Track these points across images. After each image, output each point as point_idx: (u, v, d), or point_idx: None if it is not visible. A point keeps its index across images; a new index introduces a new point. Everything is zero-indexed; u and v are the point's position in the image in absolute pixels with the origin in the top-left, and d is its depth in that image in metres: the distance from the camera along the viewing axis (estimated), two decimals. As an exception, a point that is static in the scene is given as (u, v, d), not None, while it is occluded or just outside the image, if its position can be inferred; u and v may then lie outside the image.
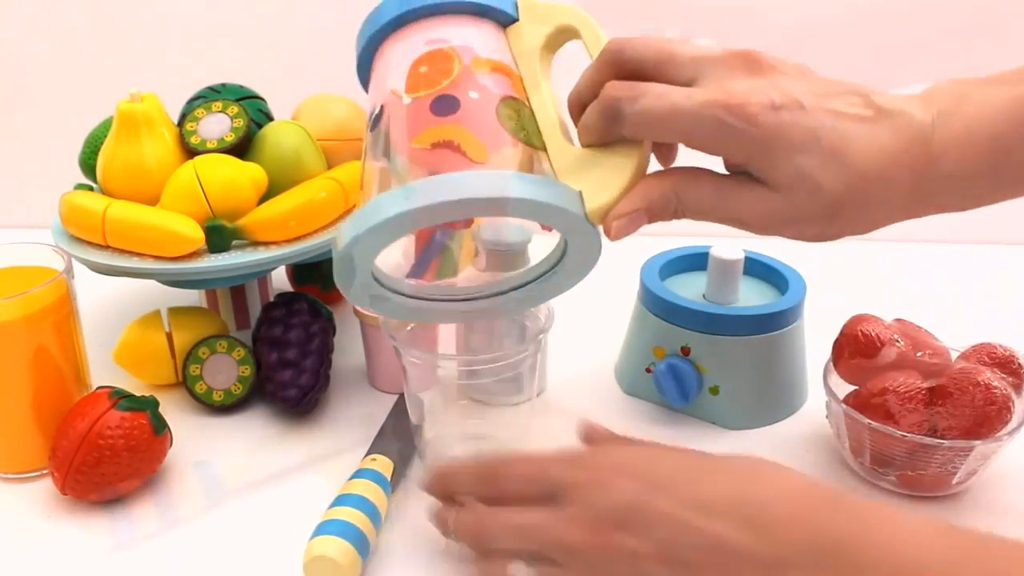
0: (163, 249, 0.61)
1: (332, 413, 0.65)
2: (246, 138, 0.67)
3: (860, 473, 0.58)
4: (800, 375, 0.66)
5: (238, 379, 0.64)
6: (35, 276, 0.57)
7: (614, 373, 0.70)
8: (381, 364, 0.67)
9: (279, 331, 0.64)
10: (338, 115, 0.72)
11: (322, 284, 0.78)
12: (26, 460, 0.58)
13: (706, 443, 0.62)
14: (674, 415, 0.65)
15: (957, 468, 0.54)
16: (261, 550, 0.53)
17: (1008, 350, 0.56)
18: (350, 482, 0.53)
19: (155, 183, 0.64)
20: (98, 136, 0.71)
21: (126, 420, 0.55)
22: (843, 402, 0.56)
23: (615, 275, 0.72)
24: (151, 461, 0.56)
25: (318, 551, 0.48)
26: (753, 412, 0.63)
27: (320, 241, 0.65)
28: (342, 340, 0.71)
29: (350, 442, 0.61)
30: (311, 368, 0.63)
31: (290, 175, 0.67)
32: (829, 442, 0.61)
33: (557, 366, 0.68)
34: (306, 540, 0.49)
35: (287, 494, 0.57)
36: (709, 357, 0.62)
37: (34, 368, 0.56)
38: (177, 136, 0.67)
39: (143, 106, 0.65)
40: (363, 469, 0.55)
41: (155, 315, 0.66)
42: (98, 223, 0.62)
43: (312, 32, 0.88)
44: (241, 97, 0.71)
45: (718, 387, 0.63)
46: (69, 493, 0.54)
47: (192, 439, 0.61)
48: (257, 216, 0.64)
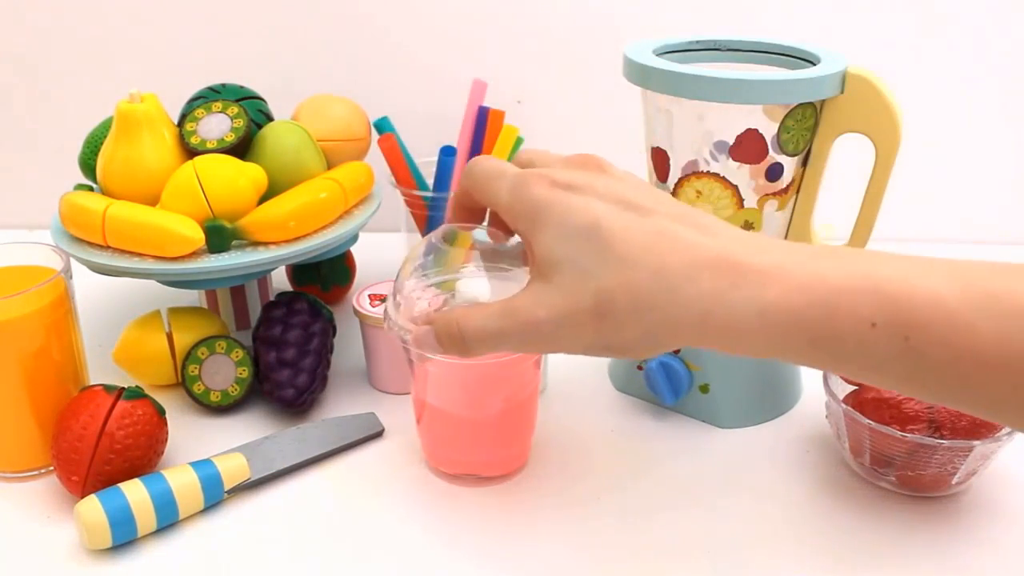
0: (163, 249, 0.61)
1: (331, 413, 0.65)
2: (246, 138, 0.67)
3: (860, 473, 0.58)
4: (792, 374, 0.66)
5: (236, 380, 0.64)
6: (34, 276, 0.57)
7: (607, 371, 0.70)
8: (381, 364, 0.67)
9: (278, 331, 0.64)
10: (338, 115, 0.73)
11: (322, 284, 0.78)
12: (24, 460, 0.58)
13: (698, 441, 0.62)
14: (665, 412, 0.65)
15: (957, 468, 0.54)
16: (261, 550, 0.53)
17: (1008, 350, 0.56)
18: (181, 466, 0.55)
19: (155, 183, 0.64)
20: (98, 136, 0.71)
21: (136, 409, 0.55)
22: (843, 402, 0.56)
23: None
24: (162, 443, 0.57)
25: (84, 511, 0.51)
26: (744, 410, 0.64)
27: (320, 241, 0.65)
28: (342, 340, 0.71)
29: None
30: (309, 368, 0.63)
31: (290, 175, 0.67)
32: (829, 442, 0.61)
33: (555, 366, 0.69)
34: (305, 540, 0.49)
35: (287, 494, 0.57)
36: (700, 355, 0.62)
37: (32, 368, 0.56)
38: (177, 136, 0.67)
39: (143, 106, 0.65)
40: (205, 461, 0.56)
41: (155, 315, 0.66)
42: (98, 223, 0.62)
43: (312, 32, 0.88)
44: (241, 97, 0.71)
45: (708, 385, 0.63)
46: (89, 492, 0.54)
47: (190, 439, 0.61)
48: (257, 216, 0.64)
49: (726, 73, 0.54)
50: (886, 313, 0.33)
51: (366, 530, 0.54)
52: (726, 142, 0.57)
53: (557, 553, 0.52)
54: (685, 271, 0.36)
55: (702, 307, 0.36)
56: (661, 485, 0.58)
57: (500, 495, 0.57)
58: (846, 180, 0.60)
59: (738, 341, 0.36)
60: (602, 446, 0.62)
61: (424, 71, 0.90)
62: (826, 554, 0.52)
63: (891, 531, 0.54)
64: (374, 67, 0.89)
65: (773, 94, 0.54)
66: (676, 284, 0.36)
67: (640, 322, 0.37)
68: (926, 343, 0.33)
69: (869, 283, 0.34)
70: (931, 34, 0.87)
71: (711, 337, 0.36)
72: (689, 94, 0.55)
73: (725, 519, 0.55)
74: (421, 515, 0.55)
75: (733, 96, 0.53)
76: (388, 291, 0.65)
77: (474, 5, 0.88)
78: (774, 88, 0.54)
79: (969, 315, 0.32)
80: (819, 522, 0.55)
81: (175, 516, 0.54)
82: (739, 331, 0.36)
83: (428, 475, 0.59)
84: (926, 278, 0.33)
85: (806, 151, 0.59)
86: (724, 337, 0.36)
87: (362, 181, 0.70)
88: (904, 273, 0.34)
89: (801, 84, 0.54)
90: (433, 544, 0.53)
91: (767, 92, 0.54)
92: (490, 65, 0.87)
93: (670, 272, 0.36)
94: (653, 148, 0.61)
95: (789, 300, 0.34)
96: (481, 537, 0.54)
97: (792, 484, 0.58)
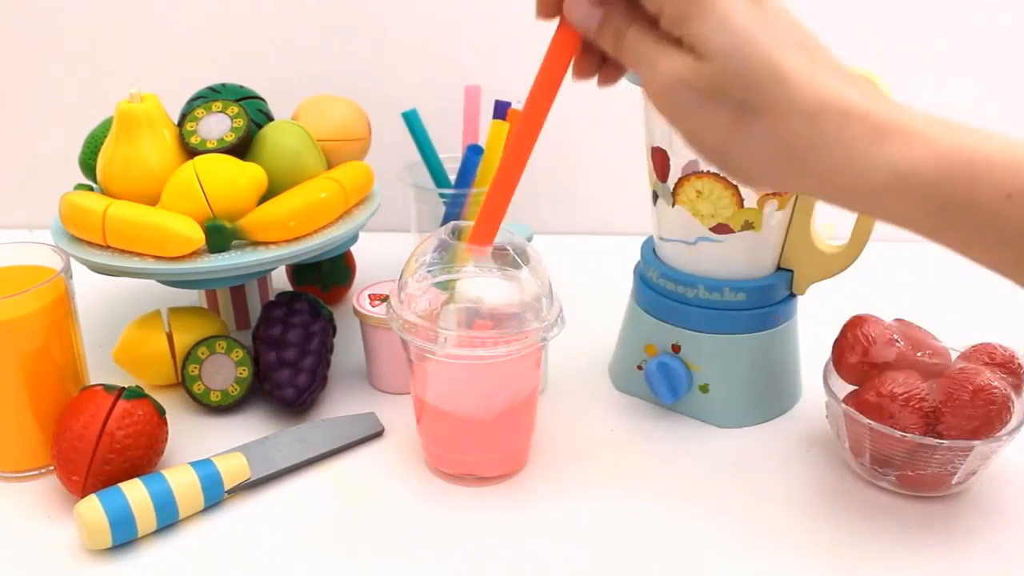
0: (163, 249, 0.61)
1: (331, 413, 0.65)
2: (246, 138, 0.67)
3: (860, 473, 0.58)
4: (792, 374, 0.66)
5: (236, 380, 0.64)
6: (34, 276, 0.57)
7: (607, 371, 0.70)
8: (381, 364, 0.67)
9: (278, 331, 0.64)
10: (338, 115, 0.73)
11: (322, 284, 0.78)
12: (24, 460, 0.58)
13: (698, 441, 0.62)
14: (665, 412, 0.65)
15: (957, 468, 0.54)
16: (261, 550, 0.53)
17: (1008, 350, 0.56)
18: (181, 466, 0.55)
19: (155, 183, 0.64)
20: (98, 136, 0.71)
21: (136, 408, 0.55)
22: (843, 402, 0.56)
23: (614, 274, 0.72)
24: (162, 443, 0.57)
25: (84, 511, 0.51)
26: (743, 410, 0.64)
27: (320, 241, 0.65)
28: (342, 340, 0.71)
29: (350, 442, 0.61)
30: (309, 368, 0.63)
31: (290, 175, 0.67)
32: (829, 442, 0.61)
33: (555, 366, 0.69)
34: (305, 540, 0.49)
35: (287, 494, 0.57)
36: (699, 355, 0.62)
37: (32, 368, 0.56)
38: (177, 136, 0.67)
39: (143, 106, 0.65)
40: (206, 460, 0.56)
41: (155, 315, 0.66)
42: (98, 223, 0.62)
43: (312, 32, 0.88)
44: (241, 97, 0.71)
45: (707, 385, 0.63)
46: (89, 492, 0.54)
47: (190, 439, 0.61)
48: (257, 216, 0.64)
49: None
50: (1023, 185, 0.34)
51: (366, 530, 0.54)
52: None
53: (557, 553, 0.52)
54: (837, 121, 0.35)
55: (844, 158, 0.36)
56: (661, 485, 0.58)
57: (500, 495, 0.57)
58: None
59: (864, 198, 0.36)
60: (602, 446, 0.62)
61: (425, 71, 0.90)
62: (826, 554, 0.52)
63: (891, 531, 0.54)
64: (374, 67, 0.89)
65: None
66: (826, 128, 0.36)
67: (776, 151, 0.37)
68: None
69: (1009, 156, 0.35)
70: (931, 34, 0.87)
71: (838, 189, 0.36)
72: None
73: (725, 519, 0.55)
74: (421, 515, 0.55)
75: None
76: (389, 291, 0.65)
77: (474, 5, 0.88)
78: None
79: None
80: (819, 522, 0.55)
81: (175, 516, 0.54)
82: (870, 189, 0.36)
83: (428, 475, 0.59)
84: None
85: None
86: (852, 192, 0.36)
87: (362, 181, 0.70)
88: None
89: None
90: (433, 544, 0.53)
91: None
92: (490, 65, 0.87)
93: (825, 115, 0.36)
94: (653, 148, 0.61)
95: (928, 165, 0.35)
96: (481, 537, 0.54)
97: (792, 484, 0.58)
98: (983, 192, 0.34)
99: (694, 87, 0.37)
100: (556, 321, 0.55)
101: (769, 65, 0.36)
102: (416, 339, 0.54)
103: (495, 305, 0.57)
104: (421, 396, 0.57)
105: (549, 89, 0.42)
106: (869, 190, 0.36)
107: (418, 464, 0.60)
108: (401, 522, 0.55)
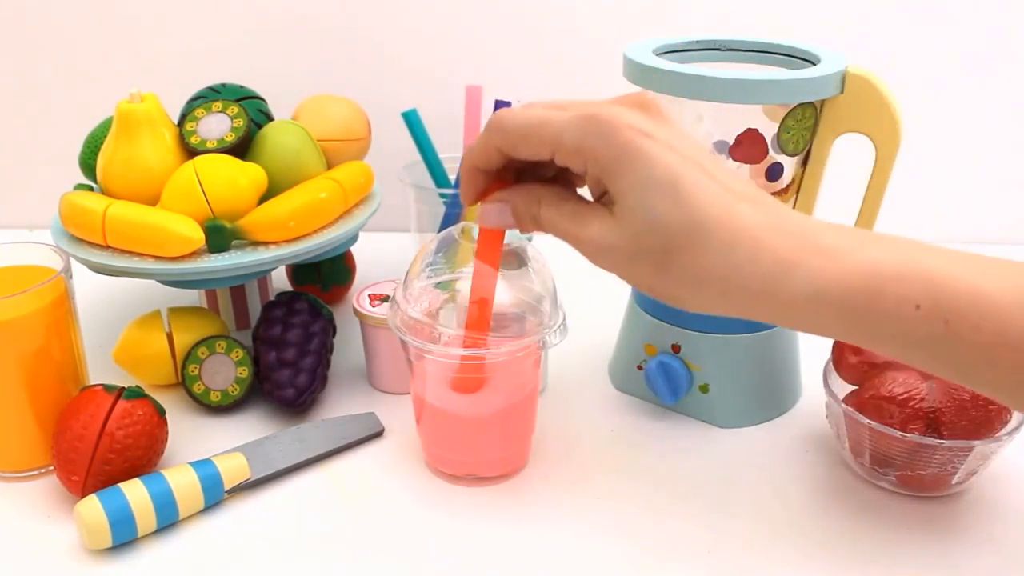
0: (163, 249, 0.61)
1: (331, 413, 0.65)
2: (246, 138, 0.67)
3: (860, 473, 0.58)
4: (792, 374, 0.66)
5: (236, 380, 0.64)
6: (34, 276, 0.57)
7: (607, 371, 0.70)
8: (381, 364, 0.67)
9: (278, 331, 0.64)
10: (338, 115, 0.73)
11: (322, 284, 0.78)
12: (24, 460, 0.58)
13: (698, 441, 0.62)
14: (665, 412, 0.65)
15: (957, 468, 0.54)
16: (261, 550, 0.53)
17: (1008, 350, 0.56)
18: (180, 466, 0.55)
19: (155, 183, 0.64)
20: (98, 136, 0.71)
21: (136, 408, 0.55)
22: (843, 402, 0.56)
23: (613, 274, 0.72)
24: (162, 443, 0.57)
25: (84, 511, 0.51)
26: (744, 410, 0.64)
27: (320, 241, 0.65)
28: (342, 340, 0.71)
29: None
30: (309, 368, 0.63)
31: (290, 175, 0.67)
32: (829, 442, 0.61)
33: (555, 366, 0.69)
34: (306, 540, 0.49)
35: (287, 494, 0.57)
36: (699, 355, 0.62)
37: (32, 368, 0.56)
38: (177, 136, 0.67)
39: (143, 106, 0.65)
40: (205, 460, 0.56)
41: (155, 315, 0.66)
42: (98, 223, 0.62)
43: (312, 32, 0.88)
44: (241, 97, 0.71)
45: (708, 385, 0.63)
46: (89, 492, 0.54)
47: (190, 439, 0.61)
48: (257, 216, 0.64)
49: (726, 73, 0.54)
50: (931, 297, 0.36)
51: (366, 530, 0.54)
52: (726, 142, 0.57)
53: (556, 553, 0.52)
54: (750, 251, 0.38)
55: (761, 285, 0.38)
56: (661, 485, 0.58)
57: (500, 495, 0.57)
58: (846, 180, 0.60)
59: (786, 315, 0.38)
60: (602, 446, 0.62)
61: (425, 71, 0.90)
62: (826, 554, 0.52)
63: (891, 531, 0.54)
64: (374, 67, 0.89)
65: (773, 94, 0.54)
66: (741, 260, 0.38)
67: (698, 284, 0.39)
68: (964, 327, 0.35)
69: (919, 270, 0.36)
70: (931, 34, 0.87)
71: (760, 310, 0.38)
72: (689, 94, 0.55)
73: (725, 519, 0.55)
74: (421, 515, 0.55)
75: (733, 96, 0.53)
76: (389, 291, 0.65)
77: (474, 5, 0.88)
78: (774, 88, 0.54)
79: (1007, 307, 0.35)
80: (819, 522, 0.55)
81: (175, 516, 0.54)
82: (790, 308, 0.38)
83: (428, 475, 0.59)
84: (968, 268, 0.36)
85: (806, 151, 0.59)
86: (774, 312, 0.38)
87: (362, 181, 0.70)
88: (948, 262, 0.37)
89: (801, 84, 0.54)
90: (433, 544, 0.53)
91: (767, 92, 0.54)
92: (490, 65, 0.87)
93: (739, 247, 0.38)
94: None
95: (842, 283, 0.37)
96: (481, 537, 0.54)
97: (792, 484, 0.58)
98: (892, 304, 0.36)
99: (615, 249, 0.40)
100: (559, 328, 0.55)
101: (685, 211, 0.38)
102: (416, 339, 0.54)
103: (495, 305, 0.57)
104: (421, 396, 0.57)
105: (494, 259, 0.48)
106: (788, 308, 0.38)
107: (418, 464, 0.60)
108: (401, 522, 0.55)
